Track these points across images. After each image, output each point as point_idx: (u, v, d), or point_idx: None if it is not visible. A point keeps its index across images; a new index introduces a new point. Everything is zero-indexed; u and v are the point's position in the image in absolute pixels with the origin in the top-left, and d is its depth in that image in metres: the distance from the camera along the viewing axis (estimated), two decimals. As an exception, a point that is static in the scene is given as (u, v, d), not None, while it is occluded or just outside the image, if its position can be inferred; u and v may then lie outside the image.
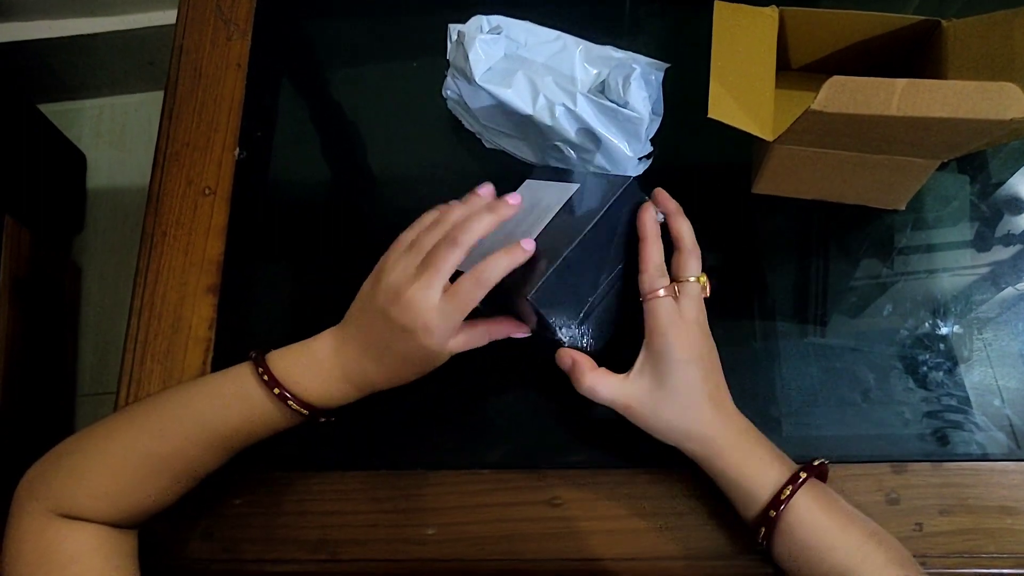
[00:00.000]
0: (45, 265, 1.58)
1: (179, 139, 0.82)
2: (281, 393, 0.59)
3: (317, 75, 0.86)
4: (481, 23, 0.73)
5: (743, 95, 0.65)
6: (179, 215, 0.79)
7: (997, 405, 0.67)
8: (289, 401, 0.59)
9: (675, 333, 0.59)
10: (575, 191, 0.65)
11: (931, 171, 0.65)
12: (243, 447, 0.62)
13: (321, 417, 0.62)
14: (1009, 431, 0.66)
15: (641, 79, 0.69)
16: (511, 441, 0.68)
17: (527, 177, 0.72)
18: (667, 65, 0.72)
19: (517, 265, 0.58)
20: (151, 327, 0.74)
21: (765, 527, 0.57)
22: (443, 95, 0.79)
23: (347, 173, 0.81)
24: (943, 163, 0.65)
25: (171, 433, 0.59)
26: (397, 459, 0.68)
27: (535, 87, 0.70)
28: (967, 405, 0.67)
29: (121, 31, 1.69)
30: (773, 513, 0.57)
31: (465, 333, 0.61)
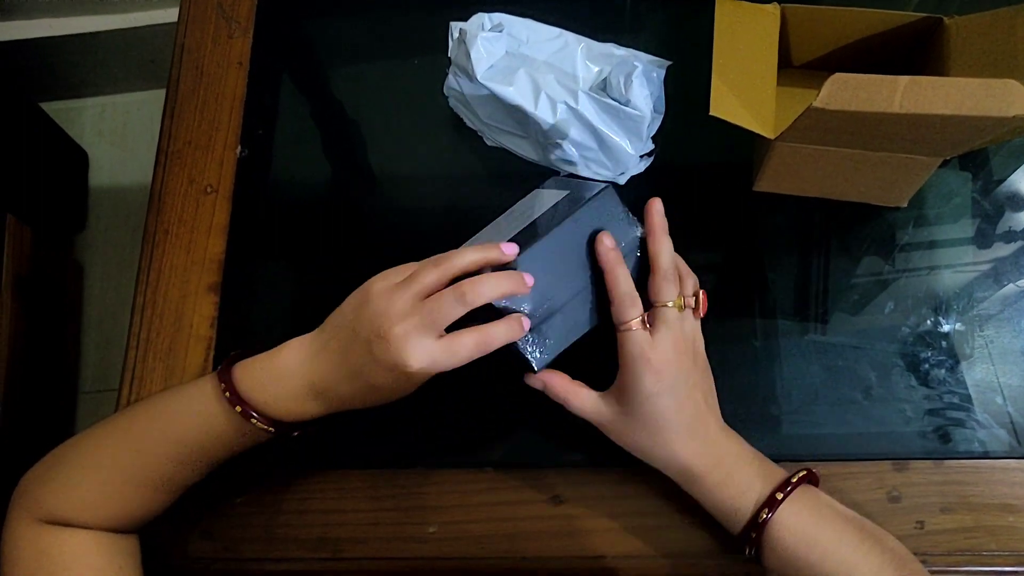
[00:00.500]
0: (47, 263, 1.58)
1: (181, 137, 0.82)
2: (244, 411, 0.57)
3: (319, 73, 0.86)
4: (483, 21, 0.73)
5: (745, 92, 0.65)
6: (181, 213, 0.79)
7: (999, 403, 0.67)
8: (253, 419, 0.57)
9: (642, 367, 0.57)
10: (563, 197, 0.64)
11: (933, 168, 0.65)
12: (225, 459, 0.61)
13: (293, 431, 0.60)
14: (1011, 429, 0.66)
15: (643, 77, 0.69)
16: (512, 439, 0.68)
17: (538, 186, 0.70)
18: (669, 63, 0.72)
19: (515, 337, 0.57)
20: (153, 325, 0.74)
21: (749, 546, 0.57)
22: (444, 93, 0.79)
23: (348, 171, 0.81)
24: (945, 160, 0.65)
25: (147, 449, 0.58)
26: (398, 457, 0.68)
27: (537, 85, 0.70)
28: (968, 403, 0.67)
29: (123, 29, 1.69)
30: (754, 535, 0.56)
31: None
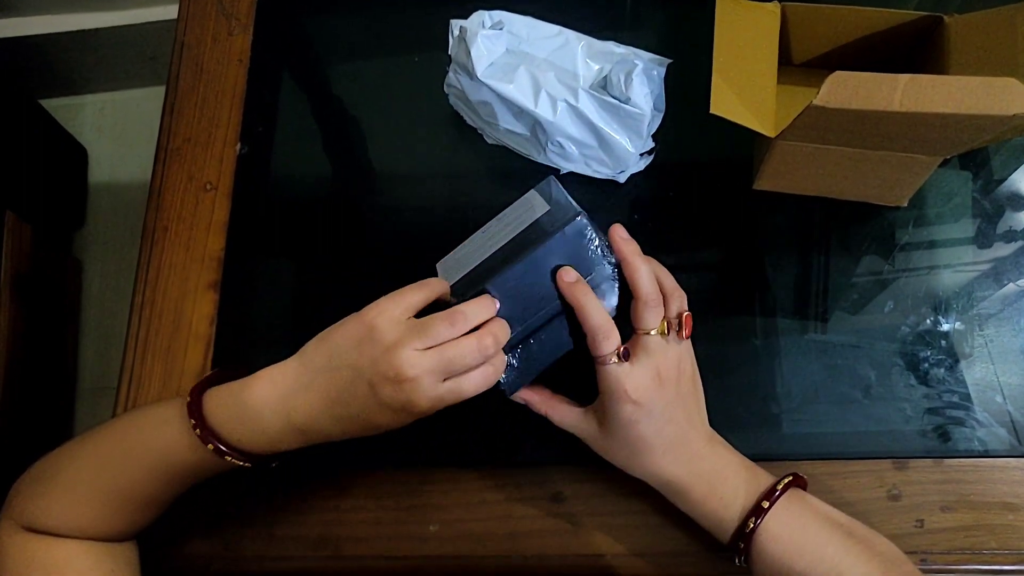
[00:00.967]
0: (46, 260, 1.58)
1: (180, 134, 0.82)
2: (216, 448, 0.55)
3: (318, 70, 0.86)
4: (483, 18, 0.73)
5: (745, 91, 0.64)
6: (180, 211, 0.78)
7: (999, 401, 0.67)
8: (227, 457, 0.55)
9: (620, 399, 0.57)
10: (542, 214, 0.62)
11: (933, 168, 0.65)
12: (204, 480, 0.59)
13: (271, 463, 0.59)
14: (1010, 427, 0.66)
15: (643, 75, 0.69)
16: (513, 438, 0.68)
17: (534, 187, 0.70)
18: (669, 61, 0.72)
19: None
20: (152, 323, 0.74)
21: (738, 556, 0.57)
22: (444, 90, 0.79)
23: (348, 168, 0.81)
24: (945, 160, 0.65)
25: (127, 472, 0.57)
26: (398, 456, 0.68)
27: (537, 83, 0.70)
28: (968, 401, 0.67)
29: (122, 26, 1.69)
30: (742, 545, 0.56)
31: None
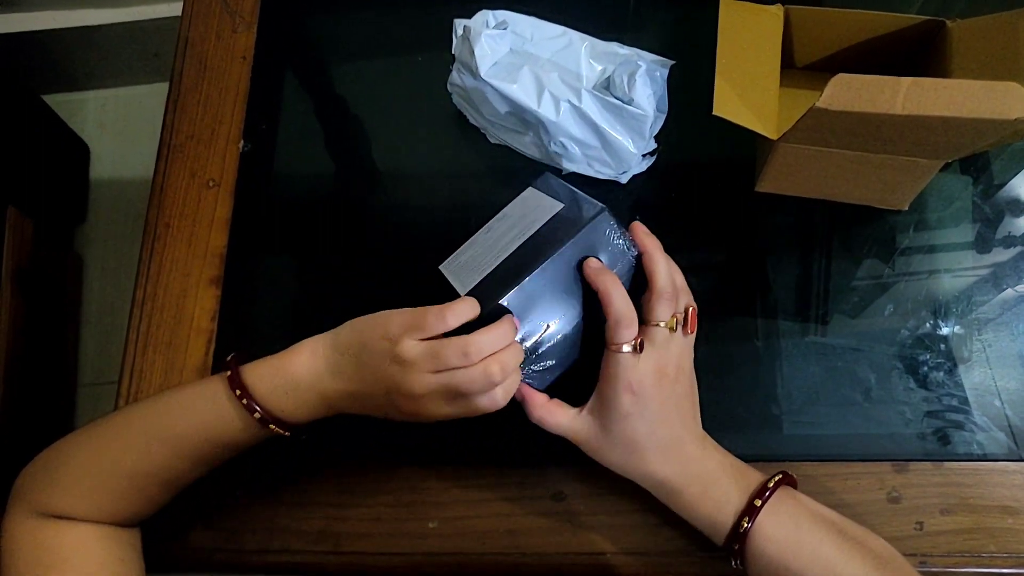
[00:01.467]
0: (47, 255, 1.58)
1: (183, 131, 0.82)
2: (263, 418, 0.57)
3: (322, 68, 0.86)
4: (487, 18, 0.73)
5: (748, 93, 0.65)
6: (182, 207, 0.79)
7: (997, 406, 0.67)
8: (272, 426, 0.58)
9: (622, 388, 0.57)
10: (559, 211, 0.62)
11: (934, 172, 0.65)
12: (235, 455, 0.61)
13: (302, 435, 0.61)
14: (1009, 432, 0.66)
15: (646, 76, 0.69)
16: (513, 435, 0.68)
17: (531, 183, 0.70)
18: (672, 62, 0.72)
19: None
20: (153, 318, 0.74)
21: (733, 558, 0.58)
22: (448, 90, 0.79)
23: (351, 167, 0.81)
24: (946, 164, 0.65)
25: (156, 451, 0.58)
26: (399, 453, 0.68)
27: (540, 83, 0.70)
28: (967, 405, 0.67)
29: (126, 22, 1.69)
30: (737, 546, 0.56)
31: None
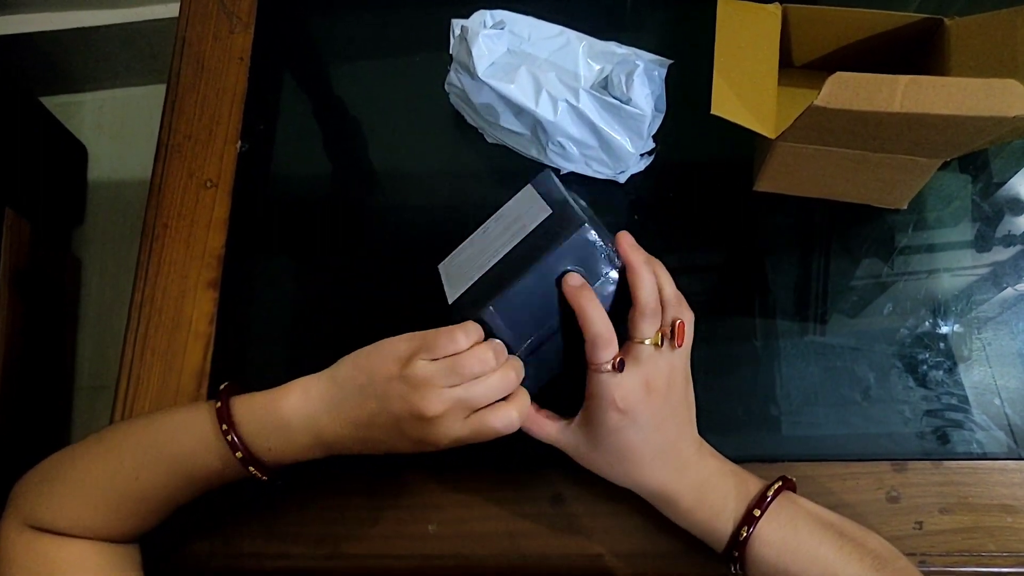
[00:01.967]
0: (45, 257, 1.58)
1: (181, 131, 0.82)
2: (244, 458, 0.56)
3: (320, 69, 0.86)
4: (484, 18, 0.73)
5: (746, 92, 0.65)
6: (180, 208, 0.78)
7: (997, 404, 0.67)
8: (250, 468, 0.57)
9: (607, 406, 0.57)
10: (545, 218, 0.61)
11: (933, 170, 0.65)
12: (217, 487, 0.60)
13: (279, 481, 0.60)
14: (1008, 430, 0.66)
15: (644, 75, 0.69)
16: (512, 438, 0.67)
17: (530, 181, 0.70)
18: (670, 61, 0.72)
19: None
20: (151, 321, 0.74)
21: (732, 564, 0.57)
22: (445, 90, 0.79)
23: (349, 167, 0.81)
24: (945, 163, 0.65)
25: (145, 476, 0.58)
26: (398, 456, 0.68)
27: (538, 82, 0.70)
28: (967, 404, 0.67)
29: (123, 24, 1.68)
30: (736, 553, 0.56)
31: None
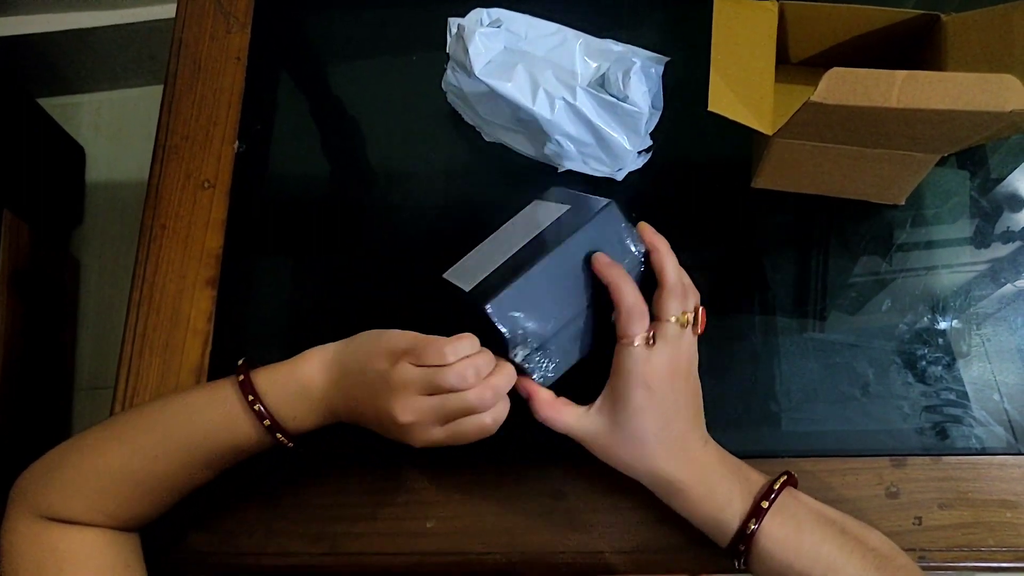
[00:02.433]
0: (44, 259, 1.58)
1: (178, 132, 0.82)
2: (272, 425, 0.58)
3: (317, 68, 0.86)
4: (481, 16, 0.73)
5: (743, 89, 0.65)
6: (178, 208, 0.78)
7: (996, 400, 0.67)
8: (278, 435, 0.59)
9: (635, 382, 0.57)
10: (564, 212, 0.62)
11: (931, 166, 0.65)
12: (234, 463, 0.62)
13: (300, 448, 0.61)
14: (1008, 426, 0.66)
15: (641, 73, 0.69)
16: (512, 434, 0.67)
17: (536, 197, 0.69)
18: (667, 59, 0.72)
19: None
20: (150, 320, 0.74)
21: (737, 559, 0.58)
22: (442, 88, 0.79)
23: (346, 166, 0.81)
24: (943, 159, 0.65)
25: (164, 454, 0.58)
26: (396, 452, 0.68)
27: (535, 81, 0.70)
28: (966, 400, 0.67)
29: (121, 25, 1.68)
30: (742, 547, 0.56)
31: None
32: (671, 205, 0.75)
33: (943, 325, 0.69)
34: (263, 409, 0.58)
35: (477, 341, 0.56)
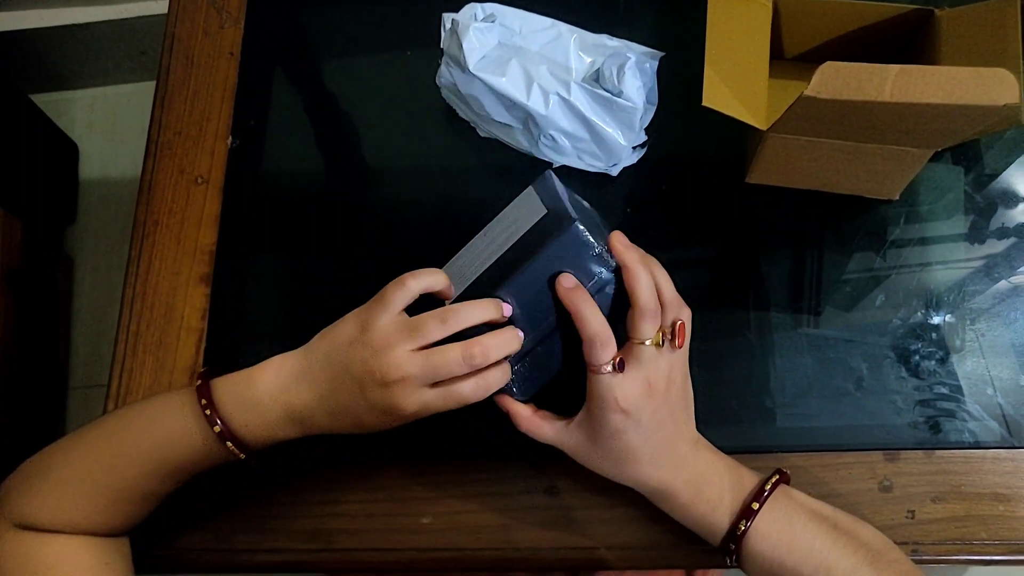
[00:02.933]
0: (37, 256, 1.57)
1: (171, 127, 0.82)
2: (221, 432, 0.56)
3: (310, 64, 0.86)
4: (475, 11, 0.73)
5: (737, 84, 0.65)
6: (171, 204, 0.78)
7: (989, 394, 0.67)
8: (228, 444, 0.57)
9: (609, 408, 0.56)
10: (540, 219, 0.60)
11: (924, 161, 0.65)
12: (193, 475, 0.60)
13: (253, 461, 0.59)
14: (1001, 419, 0.66)
15: (635, 68, 0.69)
16: (506, 430, 0.67)
17: (531, 183, 0.67)
18: (661, 54, 0.72)
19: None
20: (143, 317, 0.74)
21: (728, 557, 0.58)
22: (437, 83, 0.79)
23: (340, 162, 0.81)
24: (937, 155, 0.65)
25: (122, 467, 0.58)
26: (391, 449, 0.68)
27: (529, 76, 0.70)
28: (959, 394, 0.67)
29: (113, 20, 1.68)
30: (733, 546, 0.57)
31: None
32: (665, 200, 0.75)
33: (937, 320, 0.69)
34: (215, 415, 0.56)
35: (445, 277, 0.59)
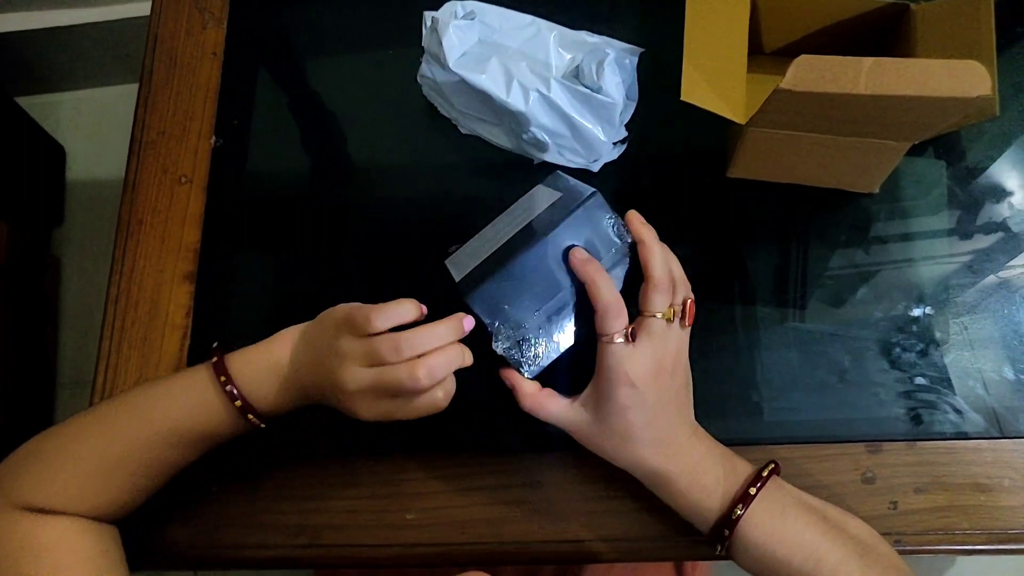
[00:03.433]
0: (24, 257, 1.57)
1: (155, 127, 0.82)
2: (243, 406, 0.59)
3: (293, 63, 0.86)
4: (455, 9, 0.73)
5: (716, 78, 0.65)
6: (155, 203, 0.78)
7: (971, 386, 0.67)
8: (249, 415, 0.59)
9: (619, 380, 0.57)
10: (555, 200, 0.62)
11: (902, 153, 0.66)
12: (210, 449, 0.62)
13: (273, 428, 0.62)
14: (982, 411, 0.67)
15: (615, 64, 0.69)
16: (489, 425, 0.68)
17: (540, 182, 0.68)
18: (641, 50, 0.73)
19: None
20: (128, 315, 0.74)
21: (720, 544, 0.58)
22: (418, 81, 0.79)
23: (322, 161, 0.81)
24: (920, 149, 0.65)
25: (143, 437, 0.59)
26: (375, 445, 0.68)
27: (509, 73, 0.70)
28: (941, 386, 0.67)
29: (98, 23, 1.67)
30: (726, 532, 0.57)
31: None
32: (647, 196, 0.76)
33: (920, 313, 0.70)
34: (235, 390, 0.58)
35: (415, 306, 0.57)
